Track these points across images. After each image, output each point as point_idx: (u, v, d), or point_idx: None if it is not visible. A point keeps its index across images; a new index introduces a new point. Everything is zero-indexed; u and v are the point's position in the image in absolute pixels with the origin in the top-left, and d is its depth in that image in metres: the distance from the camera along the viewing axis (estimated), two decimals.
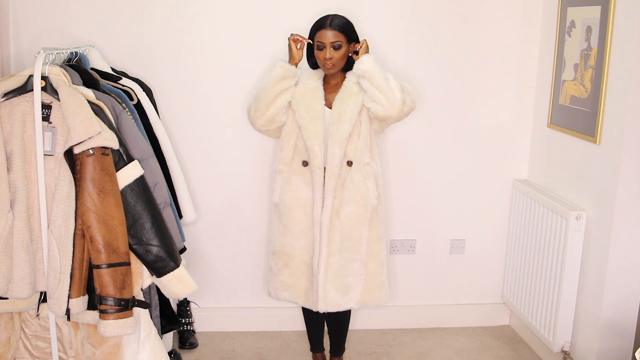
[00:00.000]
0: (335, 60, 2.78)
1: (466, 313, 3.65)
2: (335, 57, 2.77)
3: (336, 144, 2.79)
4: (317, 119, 2.80)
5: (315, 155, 2.80)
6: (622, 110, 2.66)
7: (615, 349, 2.86)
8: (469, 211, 3.54)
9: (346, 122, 2.78)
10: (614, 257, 2.77)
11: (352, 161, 2.82)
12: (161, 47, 3.21)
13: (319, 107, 2.82)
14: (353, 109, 2.79)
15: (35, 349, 2.53)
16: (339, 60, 2.79)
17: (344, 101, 2.80)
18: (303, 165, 2.84)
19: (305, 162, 2.84)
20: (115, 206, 2.23)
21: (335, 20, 2.77)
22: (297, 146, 2.86)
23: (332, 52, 2.76)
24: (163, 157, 2.89)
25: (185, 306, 3.41)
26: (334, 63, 2.78)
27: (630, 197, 2.72)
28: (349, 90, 2.82)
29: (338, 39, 2.75)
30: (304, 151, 2.84)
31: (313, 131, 2.80)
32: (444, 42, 3.34)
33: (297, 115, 2.82)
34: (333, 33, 2.75)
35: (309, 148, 2.81)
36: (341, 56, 2.79)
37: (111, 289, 2.22)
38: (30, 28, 3.13)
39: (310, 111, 2.81)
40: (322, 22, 2.78)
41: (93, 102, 2.29)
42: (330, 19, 2.77)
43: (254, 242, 3.46)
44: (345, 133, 2.79)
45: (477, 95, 3.42)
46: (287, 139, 2.88)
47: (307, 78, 2.89)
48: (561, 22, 3.13)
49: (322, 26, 2.77)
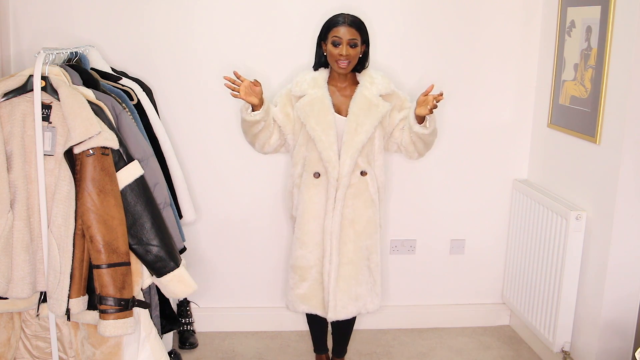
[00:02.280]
0: (351, 58, 2.73)
1: (466, 313, 3.65)
2: (352, 55, 2.72)
3: (349, 154, 2.75)
4: (329, 129, 2.75)
5: (333, 167, 2.75)
6: (622, 110, 2.66)
7: (615, 349, 2.86)
8: (469, 211, 3.54)
9: (363, 134, 2.75)
10: (614, 257, 2.77)
11: (365, 171, 2.80)
12: (161, 47, 3.21)
13: (329, 117, 2.76)
14: (372, 123, 2.76)
15: (35, 349, 2.53)
16: (354, 58, 2.75)
17: (363, 112, 2.76)
18: (315, 177, 2.80)
19: (317, 173, 2.79)
20: (115, 206, 2.23)
21: (352, 18, 2.74)
22: (306, 158, 2.82)
23: (348, 49, 2.71)
24: (163, 157, 2.89)
25: (185, 306, 3.41)
26: (350, 60, 2.73)
27: (630, 197, 2.72)
28: (368, 102, 2.77)
29: (354, 37, 2.72)
30: (316, 163, 2.79)
31: (327, 142, 2.74)
32: (444, 42, 3.34)
33: (309, 127, 2.76)
34: (350, 30, 2.71)
35: (325, 159, 2.75)
36: (356, 54, 2.75)
37: (111, 289, 2.22)
38: (30, 28, 3.13)
39: (321, 122, 2.75)
40: (338, 18, 2.74)
41: (93, 102, 2.29)
42: (346, 16, 2.74)
43: (254, 242, 3.46)
44: (359, 144, 2.75)
45: (477, 95, 3.42)
46: (298, 152, 2.85)
47: (311, 87, 2.81)
48: (561, 22, 3.13)
49: (338, 22, 2.73)
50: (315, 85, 2.82)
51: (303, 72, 2.91)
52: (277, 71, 3.26)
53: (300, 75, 2.90)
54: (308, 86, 2.82)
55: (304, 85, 2.83)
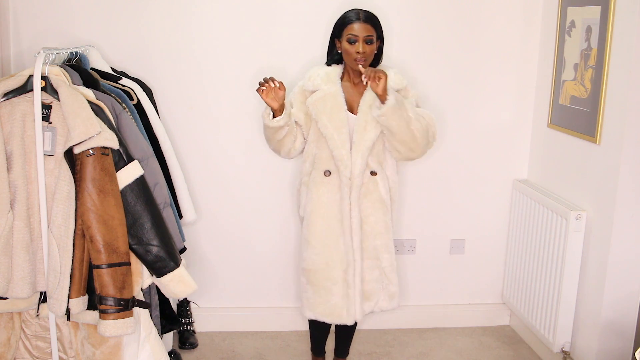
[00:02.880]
0: (367, 55, 2.65)
1: (466, 313, 3.65)
2: (368, 52, 2.64)
3: (359, 153, 2.68)
4: (341, 127, 2.68)
5: (345, 165, 2.68)
6: (622, 110, 2.66)
7: (615, 349, 2.86)
8: (469, 211, 3.54)
9: (371, 130, 2.67)
10: (613, 257, 2.77)
11: (375, 171, 2.74)
12: (161, 48, 3.21)
13: (342, 114, 2.69)
14: None
15: (35, 349, 2.53)
16: (370, 55, 2.67)
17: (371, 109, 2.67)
18: (325, 175, 2.73)
19: (327, 171, 2.73)
20: (115, 206, 2.23)
21: (367, 14, 2.66)
22: (317, 156, 2.75)
23: (364, 46, 2.63)
24: (163, 157, 2.89)
25: (185, 306, 3.41)
26: (366, 58, 2.65)
27: (630, 197, 2.72)
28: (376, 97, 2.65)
29: (370, 33, 2.64)
30: (327, 160, 2.72)
31: (339, 140, 2.67)
32: (444, 41, 3.34)
33: (320, 124, 2.69)
34: (366, 27, 2.63)
35: (337, 157, 2.68)
36: (372, 51, 2.67)
37: (111, 289, 2.22)
38: (30, 28, 3.13)
39: (334, 120, 2.68)
40: (353, 15, 2.66)
41: (93, 102, 2.29)
42: (360, 12, 2.66)
43: (254, 241, 3.46)
44: (369, 142, 2.68)
45: (477, 95, 3.42)
46: (309, 149, 2.78)
47: (325, 82, 2.73)
48: (561, 22, 3.13)
49: (353, 19, 2.64)
50: (329, 81, 2.74)
51: (316, 67, 2.82)
52: (277, 71, 3.26)
53: (312, 69, 2.81)
54: (321, 81, 2.74)
55: (317, 80, 2.75)
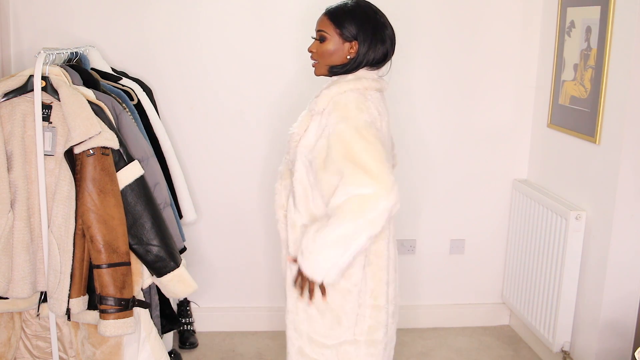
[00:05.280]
0: (317, 56, 2.10)
1: (466, 313, 3.65)
2: (317, 51, 2.09)
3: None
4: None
5: None
6: (622, 110, 2.66)
7: (615, 349, 2.86)
8: (468, 211, 3.54)
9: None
10: (613, 257, 2.77)
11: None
12: (162, 47, 3.21)
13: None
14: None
15: (36, 349, 2.53)
16: (323, 57, 2.09)
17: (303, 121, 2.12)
18: None
19: None
20: (115, 206, 2.23)
21: (337, 7, 2.10)
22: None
23: (314, 44, 2.11)
24: (163, 157, 2.89)
25: (186, 306, 3.41)
26: (317, 59, 2.11)
27: (630, 197, 2.72)
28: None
29: (322, 28, 2.07)
30: None
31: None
32: (444, 42, 3.34)
33: None
34: (322, 20, 2.10)
35: None
36: (324, 52, 2.08)
37: (111, 288, 2.23)
38: (30, 28, 3.13)
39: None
40: None
41: (93, 102, 2.29)
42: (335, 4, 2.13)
43: (254, 242, 3.46)
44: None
45: (477, 95, 3.42)
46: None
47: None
48: (561, 22, 3.13)
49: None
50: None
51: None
52: (278, 71, 3.26)
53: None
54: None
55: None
